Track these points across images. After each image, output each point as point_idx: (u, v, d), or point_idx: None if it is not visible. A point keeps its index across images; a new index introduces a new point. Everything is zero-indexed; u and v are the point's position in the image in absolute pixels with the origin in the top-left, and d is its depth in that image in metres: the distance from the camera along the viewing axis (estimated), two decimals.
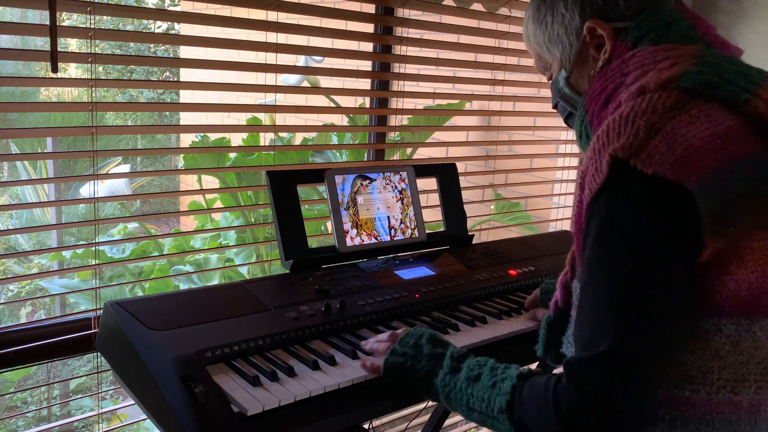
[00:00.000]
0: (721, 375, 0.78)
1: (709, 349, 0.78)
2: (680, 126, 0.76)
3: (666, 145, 0.74)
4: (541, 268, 1.61)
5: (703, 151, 0.75)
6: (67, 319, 1.39)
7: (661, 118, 0.77)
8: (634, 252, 0.75)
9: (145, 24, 8.17)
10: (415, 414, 2.08)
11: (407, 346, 1.01)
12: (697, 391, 0.79)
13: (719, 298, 0.77)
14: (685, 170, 0.73)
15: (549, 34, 0.99)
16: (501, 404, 0.85)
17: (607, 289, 0.77)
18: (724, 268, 0.76)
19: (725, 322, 0.77)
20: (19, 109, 1.88)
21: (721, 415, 0.79)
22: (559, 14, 0.96)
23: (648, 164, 0.74)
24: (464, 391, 0.90)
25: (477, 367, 0.92)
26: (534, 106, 2.61)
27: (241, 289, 1.23)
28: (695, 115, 0.77)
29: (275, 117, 1.87)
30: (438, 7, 1.88)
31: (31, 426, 3.25)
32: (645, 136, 0.75)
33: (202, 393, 0.89)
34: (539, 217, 2.75)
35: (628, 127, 0.77)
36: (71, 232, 4.94)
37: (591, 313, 0.78)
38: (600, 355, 0.75)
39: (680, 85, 0.79)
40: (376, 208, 1.48)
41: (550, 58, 1.02)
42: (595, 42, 0.94)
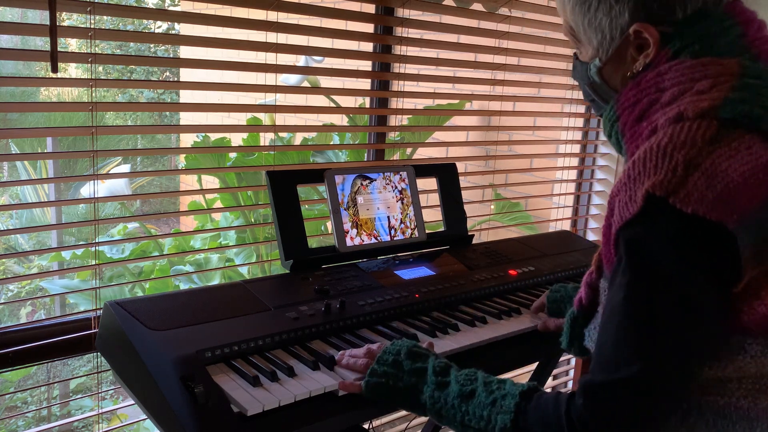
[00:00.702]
0: (741, 385, 0.78)
1: (732, 366, 0.78)
2: (720, 161, 0.73)
3: (705, 182, 0.72)
4: (541, 268, 1.61)
5: (744, 187, 0.73)
6: (67, 319, 1.39)
7: (700, 152, 0.74)
8: (669, 286, 0.74)
9: (145, 24, 8.17)
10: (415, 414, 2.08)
11: (386, 364, 0.97)
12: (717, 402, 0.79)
13: (747, 320, 0.76)
14: (726, 209, 0.71)
15: (590, 18, 0.92)
16: (505, 423, 0.82)
17: (637, 320, 0.76)
18: (755, 293, 0.76)
19: (750, 342, 0.77)
20: (19, 109, 1.88)
21: (740, 410, 0.79)
22: (608, 5, 0.89)
23: (687, 203, 0.72)
24: (457, 408, 0.88)
25: (468, 383, 0.89)
26: (534, 106, 2.61)
27: (241, 289, 1.23)
28: (735, 147, 0.75)
29: (275, 117, 1.87)
30: (438, 7, 1.88)
31: (31, 426, 3.25)
32: (683, 173, 0.73)
33: (202, 393, 0.89)
34: (539, 217, 2.75)
35: (665, 161, 0.74)
36: (71, 232, 4.94)
37: (615, 338, 0.77)
38: (622, 382, 0.74)
39: (720, 116, 0.77)
40: (376, 208, 1.48)
41: (585, 40, 0.95)
42: (637, 43, 0.89)
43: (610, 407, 0.74)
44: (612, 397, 0.75)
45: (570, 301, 1.25)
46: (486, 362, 1.16)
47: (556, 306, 1.30)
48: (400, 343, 1.01)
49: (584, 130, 2.49)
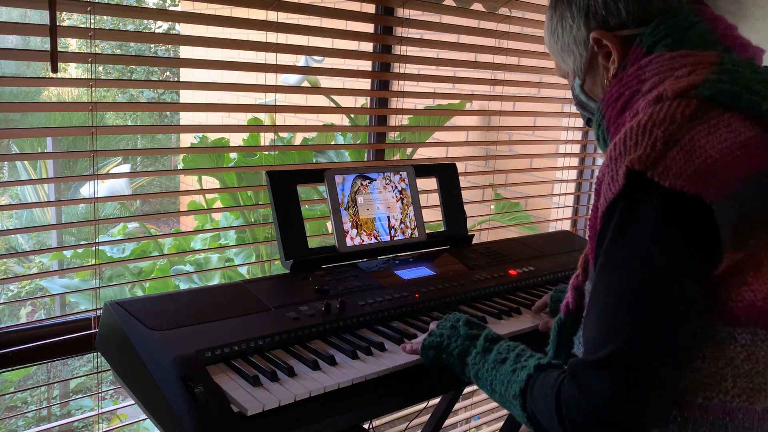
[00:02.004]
0: (736, 383, 0.77)
1: (724, 357, 0.77)
2: (699, 137, 0.74)
3: (684, 157, 0.73)
4: (541, 268, 1.61)
5: (722, 163, 0.73)
6: (67, 319, 1.39)
7: (680, 128, 0.75)
8: (647, 262, 0.75)
9: (146, 24, 8.17)
10: (415, 414, 2.08)
11: (445, 328, 1.06)
12: (711, 399, 0.78)
13: (735, 308, 0.76)
14: (704, 183, 0.72)
15: (561, 44, 1.00)
16: (515, 391, 0.88)
17: (617, 296, 0.76)
18: (741, 278, 0.76)
19: (740, 331, 0.77)
20: (19, 109, 1.88)
21: (735, 420, 0.78)
22: (567, 25, 0.97)
23: (665, 177, 0.73)
24: (490, 372, 0.94)
25: (505, 351, 0.95)
26: (534, 106, 2.61)
27: (241, 289, 1.23)
28: (714, 125, 0.76)
29: (275, 117, 1.87)
30: (438, 7, 1.88)
31: (31, 426, 3.25)
32: (662, 148, 0.74)
33: (202, 393, 0.89)
34: (539, 217, 2.75)
35: (645, 137, 0.75)
36: (71, 232, 4.94)
37: (599, 318, 0.78)
38: (604, 359, 0.75)
39: (699, 94, 0.78)
40: (376, 208, 1.48)
41: (566, 66, 1.03)
42: (603, 51, 0.94)
43: (593, 387, 0.75)
44: (594, 375, 0.75)
45: None
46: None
47: (558, 306, 1.30)
48: (458, 314, 1.09)
49: (584, 130, 2.49)
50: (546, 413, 0.81)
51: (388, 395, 1.05)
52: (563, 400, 0.78)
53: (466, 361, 1.00)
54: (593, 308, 0.80)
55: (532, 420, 0.85)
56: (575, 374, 0.78)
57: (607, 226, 0.79)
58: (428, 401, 1.89)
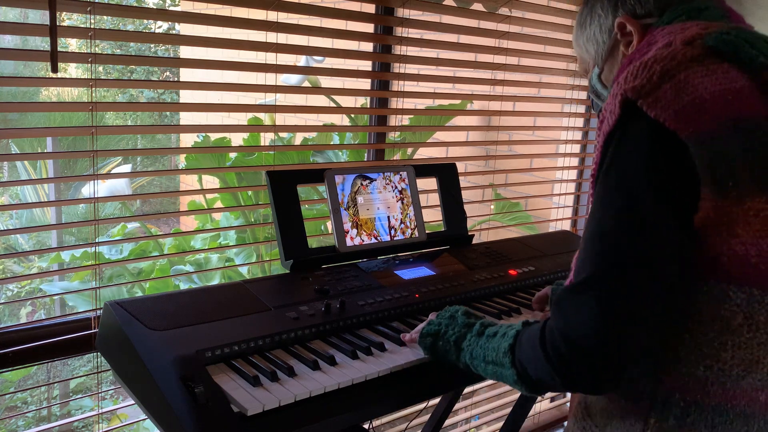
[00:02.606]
0: (735, 354, 0.77)
1: (720, 319, 0.77)
2: (695, 76, 0.77)
3: (674, 92, 0.76)
4: (541, 268, 1.61)
5: (709, 104, 0.75)
6: (67, 319, 1.39)
7: (678, 66, 0.78)
8: (627, 190, 0.77)
9: (146, 24, 8.17)
10: (415, 414, 2.08)
11: (443, 317, 1.09)
12: (710, 368, 0.78)
13: (726, 262, 0.76)
14: (685, 121, 0.74)
15: (587, 34, 1.04)
16: (504, 348, 0.90)
17: (598, 224, 0.79)
18: (731, 229, 0.76)
19: (734, 289, 0.76)
20: (19, 109, 1.88)
21: (737, 407, 0.78)
22: (596, 15, 1.02)
23: (653, 107, 0.75)
24: (483, 347, 0.96)
25: (497, 327, 0.98)
26: (534, 106, 2.61)
27: (241, 289, 1.23)
28: (713, 69, 0.78)
29: (275, 117, 1.87)
30: (438, 7, 1.88)
31: (31, 426, 3.25)
32: (657, 81, 0.77)
33: (202, 393, 0.89)
34: (539, 217, 2.75)
35: (644, 71, 0.78)
36: (71, 232, 4.94)
37: (584, 245, 0.80)
38: (583, 283, 0.77)
39: (704, 43, 0.81)
40: (376, 208, 1.48)
41: (587, 57, 1.06)
42: (626, 39, 0.98)
43: (572, 311, 0.77)
44: (574, 300, 0.77)
45: None
46: None
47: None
48: (458, 306, 1.11)
49: (584, 130, 2.49)
50: (532, 355, 0.83)
51: (388, 395, 1.05)
52: (547, 332, 0.80)
53: (461, 346, 1.01)
54: (584, 235, 0.82)
55: (522, 376, 0.86)
56: (557, 303, 0.80)
57: (604, 158, 0.81)
58: (428, 401, 1.89)
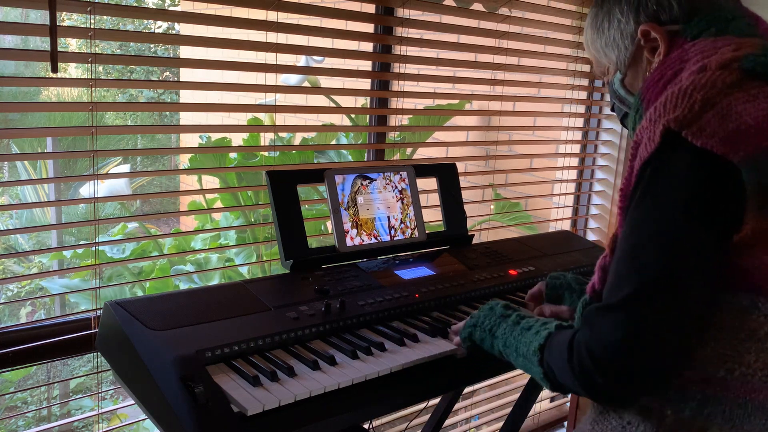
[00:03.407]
0: (759, 357, 0.78)
1: (746, 328, 0.78)
2: (736, 103, 0.77)
3: (718, 120, 0.75)
4: (541, 268, 1.61)
5: (755, 130, 0.75)
6: (67, 319, 1.39)
7: (719, 93, 0.78)
8: (667, 218, 0.77)
9: (145, 24, 8.17)
10: (415, 414, 2.08)
11: (483, 309, 1.11)
12: (732, 371, 0.79)
13: (758, 276, 0.77)
14: (734, 145, 0.74)
15: (606, 39, 1.02)
16: (535, 346, 0.92)
17: (637, 245, 0.79)
18: (765, 246, 0.76)
19: (763, 301, 0.78)
20: (19, 109, 1.88)
21: (756, 400, 0.79)
22: (615, 19, 1.00)
23: (698, 137, 0.75)
24: (517, 338, 0.98)
25: (533, 321, 0.99)
26: (534, 106, 2.61)
27: (241, 289, 1.23)
28: (754, 94, 0.78)
29: (275, 117, 1.87)
30: (438, 7, 1.88)
31: (31, 426, 3.25)
32: (699, 110, 0.77)
33: (202, 393, 0.89)
34: (539, 217, 2.75)
35: (684, 100, 0.78)
36: (71, 232, 4.94)
37: (618, 264, 0.81)
38: (616, 303, 0.78)
39: (742, 66, 0.80)
40: (376, 208, 1.48)
41: (607, 62, 1.05)
42: (649, 45, 0.96)
43: (603, 329, 0.78)
44: (605, 318, 0.78)
45: (569, 288, 1.26)
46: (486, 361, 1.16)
47: (555, 293, 1.29)
48: (499, 300, 1.13)
49: (584, 130, 2.49)
50: (559, 361, 0.85)
51: (388, 395, 1.05)
52: (575, 344, 0.81)
53: (496, 334, 1.04)
54: (617, 254, 0.82)
55: (548, 375, 0.89)
56: (588, 318, 0.81)
57: (639, 184, 0.81)
58: (428, 401, 1.89)
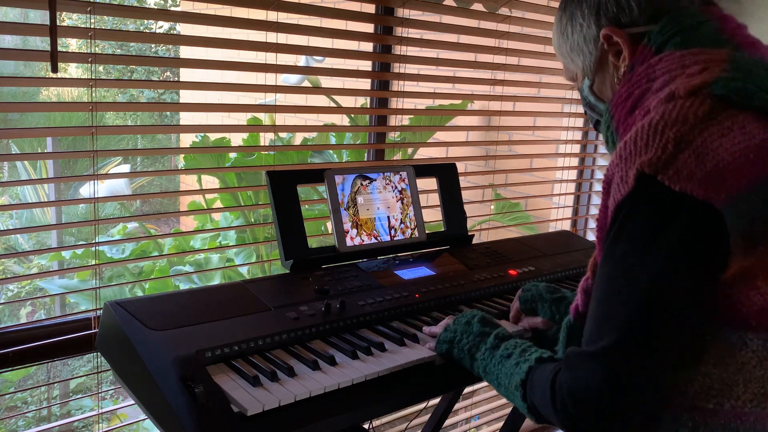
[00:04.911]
0: (747, 388, 0.77)
1: (735, 363, 0.77)
2: (712, 139, 0.73)
3: (695, 161, 0.72)
4: (541, 268, 1.61)
5: (733, 167, 0.72)
6: (67, 319, 1.39)
7: (692, 129, 0.74)
8: (648, 261, 0.74)
9: (146, 24, 8.17)
10: (415, 414, 2.08)
11: (459, 324, 1.10)
12: (722, 404, 0.78)
13: (746, 312, 0.76)
14: (714, 187, 0.71)
15: (570, 44, 0.99)
16: (516, 382, 0.92)
17: (615, 291, 0.77)
18: (750, 282, 0.75)
19: (752, 337, 0.76)
20: (19, 109, 1.88)
21: (746, 423, 0.78)
22: (577, 24, 0.96)
23: (675, 181, 0.72)
24: (497, 366, 0.98)
25: (512, 347, 0.99)
26: (534, 106, 2.61)
27: (241, 289, 1.23)
28: (728, 126, 0.74)
29: (275, 117, 1.87)
30: (438, 7, 1.88)
31: (31, 426, 3.25)
32: (674, 150, 0.73)
33: (202, 393, 0.89)
34: (539, 217, 2.75)
35: (656, 138, 0.74)
36: (71, 232, 4.94)
37: (596, 310, 0.80)
38: (597, 352, 0.77)
39: (712, 92, 0.76)
40: (376, 208, 1.48)
41: (575, 68, 1.02)
42: (613, 49, 0.93)
43: (585, 376, 0.77)
44: (587, 366, 0.78)
45: (541, 299, 1.23)
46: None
47: (529, 306, 1.26)
48: (475, 311, 1.12)
49: (584, 130, 2.49)
50: (543, 401, 0.85)
51: (388, 395, 1.05)
52: (557, 388, 0.81)
53: (475, 357, 1.03)
54: (595, 297, 0.81)
55: (533, 410, 0.89)
56: (570, 363, 0.81)
57: (614, 225, 0.79)
58: (428, 401, 1.89)
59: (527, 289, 1.28)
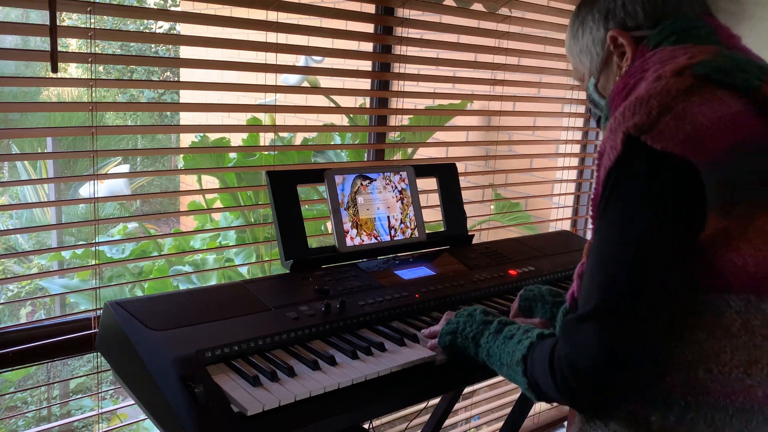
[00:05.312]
0: (734, 355, 0.80)
1: (720, 326, 0.80)
2: (692, 107, 0.80)
3: (676, 124, 0.78)
4: (541, 268, 1.61)
5: (711, 131, 0.78)
6: (67, 319, 1.39)
7: (674, 99, 0.80)
8: (632, 220, 0.79)
9: (146, 24, 8.17)
10: (415, 414, 2.08)
11: (462, 316, 1.11)
12: (710, 371, 0.81)
13: (727, 275, 0.79)
14: (693, 147, 0.77)
15: (581, 46, 1.07)
16: (518, 357, 0.93)
17: (605, 254, 0.82)
18: (731, 244, 0.79)
19: (734, 298, 0.80)
20: (19, 109, 1.88)
21: (735, 402, 0.80)
22: (588, 27, 1.04)
23: (657, 140, 0.78)
24: (500, 347, 0.99)
25: (515, 329, 1.00)
26: (534, 106, 2.61)
27: (241, 289, 1.23)
28: (707, 98, 0.81)
29: (275, 117, 1.87)
30: (438, 7, 1.88)
31: (31, 426, 3.25)
32: (657, 115, 0.79)
33: (202, 393, 0.89)
34: (539, 217, 2.75)
35: (642, 107, 0.81)
36: (71, 232, 4.94)
37: (589, 275, 0.83)
38: (589, 312, 0.80)
39: (695, 72, 0.83)
40: (376, 208, 1.48)
41: (583, 69, 1.09)
42: (618, 51, 1.00)
43: (579, 339, 0.80)
44: (581, 328, 0.81)
45: (542, 300, 1.26)
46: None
47: (528, 304, 1.28)
48: (476, 306, 1.15)
49: (584, 130, 2.49)
50: (542, 373, 0.86)
51: (388, 395, 1.05)
52: (556, 359, 0.83)
53: (479, 342, 1.05)
54: (587, 266, 0.85)
55: (533, 386, 0.90)
56: (565, 330, 0.83)
57: (604, 192, 0.84)
58: (428, 401, 1.89)
59: (530, 290, 1.30)
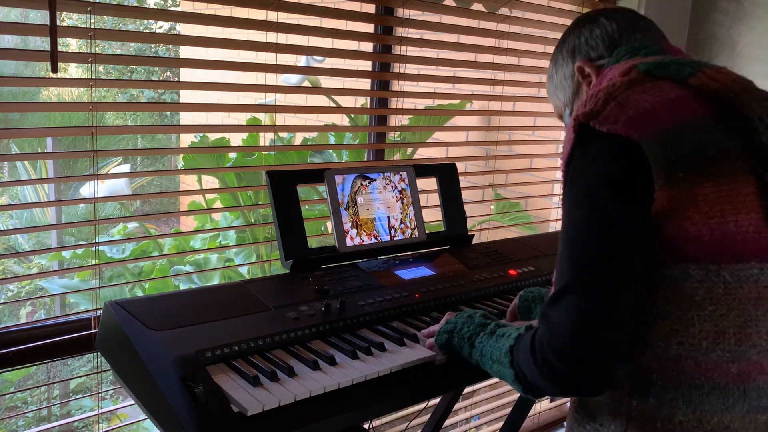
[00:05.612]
0: (703, 327, 0.84)
1: (684, 298, 0.84)
2: (634, 94, 0.89)
3: (619, 109, 0.87)
4: (541, 268, 1.61)
5: (652, 112, 0.86)
6: (67, 319, 1.39)
7: (618, 89, 0.90)
8: (590, 200, 0.85)
9: (146, 24, 8.17)
10: (415, 414, 2.08)
11: (461, 317, 1.13)
12: (682, 344, 0.84)
13: (683, 244, 0.83)
14: (635, 127, 0.84)
15: (555, 83, 1.16)
16: (505, 348, 0.96)
17: (567, 235, 0.87)
18: (683, 214, 0.83)
19: (693, 267, 0.84)
20: (19, 109, 1.88)
21: (710, 379, 0.84)
22: (559, 66, 1.14)
23: (603, 123, 0.86)
24: (492, 345, 1.02)
25: (510, 330, 1.02)
26: (534, 106, 2.61)
27: (241, 289, 1.23)
28: (649, 87, 0.90)
29: (275, 117, 1.87)
30: (438, 7, 1.88)
31: (31, 426, 3.25)
32: (603, 103, 0.89)
33: (202, 393, 0.89)
34: (539, 217, 2.75)
35: (591, 100, 0.91)
36: (71, 232, 4.94)
37: (559, 257, 0.88)
38: (560, 292, 0.84)
39: (638, 69, 0.94)
40: (376, 208, 1.48)
41: (560, 104, 1.17)
42: (587, 80, 1.09)
43: (555, 319, 0.84)
44: (555, 308, 0.84)
45: (542, 301, 1.28)
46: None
47: (527, 305, 1.31)
48: (477, 310, 1.16)
49: None
50: (525, 359, 0.89)
51: (388, 395, 1.05)
52: (537, 343, 0.87)
53: (474, 343, 1.07)
54: (558, 251, 0.89)
55: (519, 377, 0.92)
56: (544, 313, 0.87)
57: (566, 179, 0.90)
58: (428, 401, 1.89)
59: (530, 291, 1.32)
